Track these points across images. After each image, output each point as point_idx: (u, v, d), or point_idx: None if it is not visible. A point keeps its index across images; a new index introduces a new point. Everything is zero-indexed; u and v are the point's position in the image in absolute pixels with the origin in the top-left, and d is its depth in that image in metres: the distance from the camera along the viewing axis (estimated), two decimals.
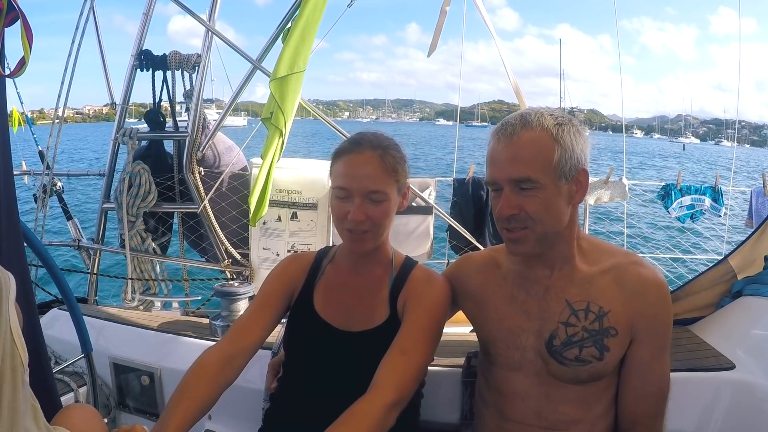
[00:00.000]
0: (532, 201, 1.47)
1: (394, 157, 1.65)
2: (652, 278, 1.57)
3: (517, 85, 3.37)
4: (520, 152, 1.47)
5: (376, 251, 1.75)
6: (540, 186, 1.46)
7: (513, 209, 1.47)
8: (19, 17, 1.58)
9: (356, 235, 1.64)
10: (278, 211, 3.46)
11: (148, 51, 3.51)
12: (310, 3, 2.84)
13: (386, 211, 1.63)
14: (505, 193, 1.49)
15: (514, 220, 1.49)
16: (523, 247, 1.54)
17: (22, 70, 1.64)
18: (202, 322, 2.85)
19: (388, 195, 1.62)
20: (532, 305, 1.63)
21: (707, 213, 6.10)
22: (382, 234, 1.68)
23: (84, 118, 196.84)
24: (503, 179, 1.48)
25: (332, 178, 1.68)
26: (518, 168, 1.46)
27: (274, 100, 2.85)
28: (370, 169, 1.60)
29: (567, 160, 1.47)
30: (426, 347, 1.62)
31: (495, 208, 1.54)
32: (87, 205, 13.73)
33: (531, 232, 1.50)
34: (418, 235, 3.83)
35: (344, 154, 1.65)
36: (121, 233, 3.46)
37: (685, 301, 2.64)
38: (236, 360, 1.66)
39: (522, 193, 1.47)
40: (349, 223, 1.61)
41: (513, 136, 1.48)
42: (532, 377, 1.63)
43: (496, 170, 1.50)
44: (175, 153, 3.60)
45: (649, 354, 1.58)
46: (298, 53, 2.88)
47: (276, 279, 1.83)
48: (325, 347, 1.71)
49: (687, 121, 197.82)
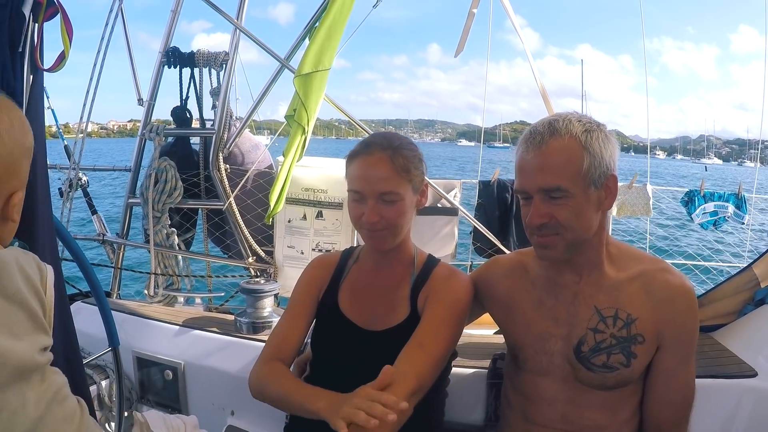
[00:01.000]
0: (562, 209, 1.47)
1: (406, 156, 1.65)
2: (679, 286, 1.57)
3: (543, 88, 3.35)
4: (549, 161, 1.47)
5: (398, 250, 1.77)
6: (570, 194, 1.46)
7: (543, 218, 1.48)
8: (59, 11, 1.61)
9: (373, 234, 1.66)
10: (303, 210, 3.48)
11: (176, 48, 3.54)
12: (338, 2, 2.85)
13: (401, 211, 1.64)
14: (534, 202, 1.49)
15: (545, 228, 1.49)
16: (552, 253, 1.54)
17: (62, 65, 1.66)
18: (226, 318, 2.87)
19: (401, 195, 1.63)
20: (561, 311, 1.64)
21: (730, 220, 6.06)
22: (400, 233, 1.69)
23: (108, 133, 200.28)
24: (533, 188, 1.49)
25: (347, 181, 1.70)
26: (547, 177, 1.46)
27: (298, 98, 2.86)
28: (381, 171, 1.61)
29: (596, 167, 1.47)
30: (444, 341, 1.63)
31: (525, 217, 1.55)
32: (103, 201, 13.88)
33: (561, 239, 1.50)
34: (442, 237, 3.83)
35: (356, 157, 1.68)
36: (146, 228, 3.49)
37: (707, 308, 2.62)
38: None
39: (552, 202, 1.47)
40: (365, 224, 1.64)
41: (542, 145, 1.48)
42: (559, 382, 1.64)
43: (526, 179, 1.50)
44: (201, 150, 3.62)
45: (675, 361, 1.58)
46: (324, 51, 2.88)
47: (304, 286, 1.87)
48: (351, 346, 1.73)
49: (709, 141, 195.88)
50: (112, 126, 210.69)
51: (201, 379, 2.58)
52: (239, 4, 3.42)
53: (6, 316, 1.04)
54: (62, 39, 1.64)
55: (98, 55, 3.51)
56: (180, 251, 3.58)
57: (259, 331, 2.60)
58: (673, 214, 9.46)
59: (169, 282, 3.58)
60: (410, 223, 1.74)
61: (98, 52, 3.52)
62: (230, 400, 2.53)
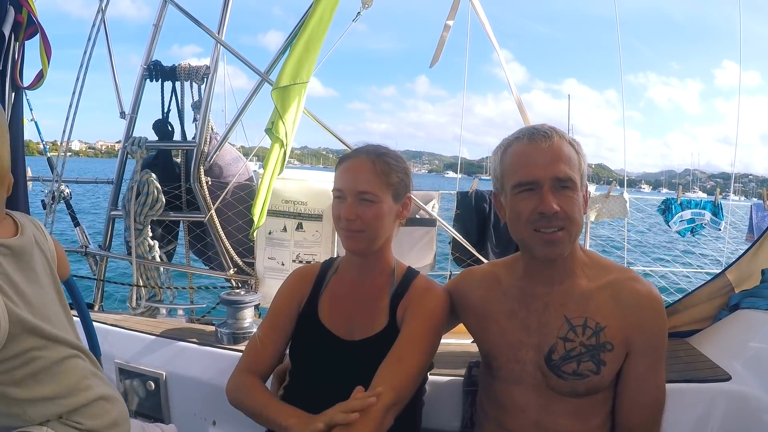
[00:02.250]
0: (570, 201, 1.51)
1: (388, 163, 1.72)
2: (646, 293, 1.61)
3: (520, 101, 3.40)
4: (562, 153, 1.52)
5: (378, 260, 1.81)
6: (576, 188, 1.52)
7: (556, 207, 1.49)
8: (38, 31, 1.64)
9: (349, 234, 1.71)
10: (284, 222, 3.50)
11: (157, 62, 3.57)
12: (316, 16, 2.86)
13: (378, 213, 1.69)
14: (545, 191, 1.51)
15: (555, 218, 1.51)
16: (559, 249, 1.56)
17: (40, 83, 1.69)
18: (207, 329, 2.88)
19: (379, 197, 1.68)
20: (532, 320, 1.67)
21: (707, 227, 6.14)
22: (377, 237, 1.73)
23: (96, 153, 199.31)
24: (545, 177, 1.51)
25: (333, 182, 1.77)
26: (562, 167, 1.51)
27: (276, 111, 2.88)
28: (363, 172, 1.69)
29: (584, 172, 1.56)
30: (422, 354, 1.67)
31: (525, 210, 1.54)
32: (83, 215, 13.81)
33: (566, 234, 1.54)
34: (421, 247, 3.85)
35: (344, 161, 1.76)
36: (128, 240, 3.50)
37: (683, 314, 2.66)
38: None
39: (560, 193, 1.51)
40: (342, 222, 1.70)
41: (551, 139, 1.53)
42: (531, 390, 1.67)
43: (537, 168, 1.52)
44: (182, 162, 3.65)
45: (645, 366, 1.61)
46: (302, 65, 2.90)
47: (283, 297, 1.90)
48: (329, 355, 1.76)
49: (695, 175, 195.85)
50: (100, 146, 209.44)
51: (183, 389, 2.59)
52: (220, 19, 3.46)
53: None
54: (41, 58, 1.67)
55: (80, 69, 3.53)
56: (162, 263, 3.59)
57: (240, 342, 2.61)
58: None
59: (152, 293, 3.59)
60: (389, 231, 1.78)
61: (81, 66, 3.54)
62: (212, 410, 2.54)
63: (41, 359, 1.34)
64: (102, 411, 1.50)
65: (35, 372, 1.33)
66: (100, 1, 3.62)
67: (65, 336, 1.45)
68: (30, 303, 1.34)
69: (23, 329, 1.28)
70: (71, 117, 3.53)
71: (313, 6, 2.85)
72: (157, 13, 3.58)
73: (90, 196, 17.87)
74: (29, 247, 1.44)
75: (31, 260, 1.42)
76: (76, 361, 1.48)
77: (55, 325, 1.43)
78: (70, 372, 1.44)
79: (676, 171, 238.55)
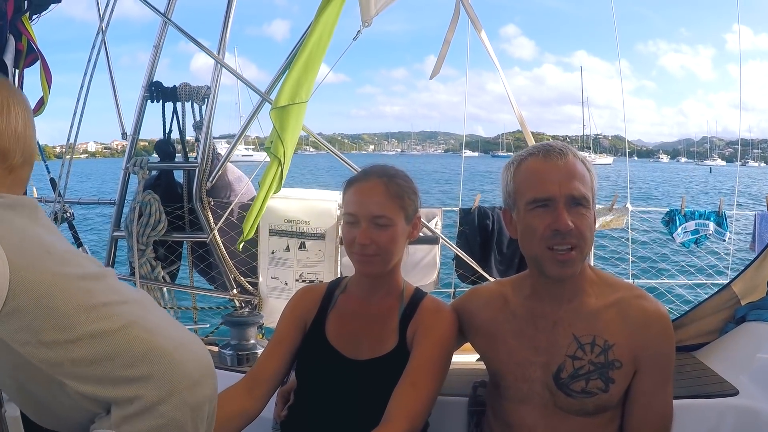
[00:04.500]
0: (583, 219, 1.52)
1: (400, 185, 1.71)
2: (654, 311, 1.61)
3: (522, 118, 3.41)
4: (576, 171, 1.53)
5: (387, 281, 1.81)
6: (589, 206, 1.53)
7: (571, 224, 1.50)
8: (38, 59, 1.65)
9: (363, 258, 1.70)
10: (287, 241, 3.49)
11: (158, 83, 3.58)
12: (315, 35, 2.86)
13: (392, 237, 1.68)
14: (560, 208, 1.51)
15: (570, 236, 1.51)
16: (571, 269, 1.56)
17: (41, 110, 1.69)
18: (211, 350, 2.86)
19: (393, 220, 1.68)
20: (541, 339, 1.67)
21: (712, 237, 6.11)
22: (390, 260, 1.72)
23: (112, 152, 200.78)
24: (561, 194, 1.51)
25: (343, 206, 1.77)
26: (577, 185, 1.51)
27: (275, 130, 2.88)
28: (376, 195, 1.68)
29: (596, 190, 1.57)
30: (435, 379, 1.66)
31: (540, 226, 1.54)
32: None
33: (579, 252, 1.54)
34: (424, 265, 3.84)
35: (353, 183, 1.75)
36: (131, 261, 3.50)
37: (689, 327, 2.66)
38: (256, 392, 1.75)
39: (574, 210, 1.51)
40: (356, 247, 1.68)
41: (565, 156, 1.53)
42: (539, 409, 1.66)
43: (552, 185, 1.52)
44: (184, 183, 3.65)
45: (652, 384, 1.61)
46: (301, 84, 2.89)
47: (289, 315, 1.89)
48: (335, 374, 1.75)
49: (712, 143, 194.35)
50: (116, 146, 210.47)
51: None
52: (220, 38, 3.48)
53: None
54: (41, 85, 1.68)
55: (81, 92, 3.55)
56: (165, 283, 3.59)
57: (243, 363, 2.61)
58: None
59: None
60: (401, 252, 1.78)
61: (81, 87, 3.56)
62: None
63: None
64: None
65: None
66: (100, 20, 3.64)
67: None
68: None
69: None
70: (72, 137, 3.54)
71: (312, 25, 2.86)
72: (157, 34, 3.60)
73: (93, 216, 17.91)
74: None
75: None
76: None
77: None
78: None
79: (693, 139, 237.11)
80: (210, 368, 1.23)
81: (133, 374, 1.07)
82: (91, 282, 1.14)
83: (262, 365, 1.81)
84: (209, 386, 1.20)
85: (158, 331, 1.15)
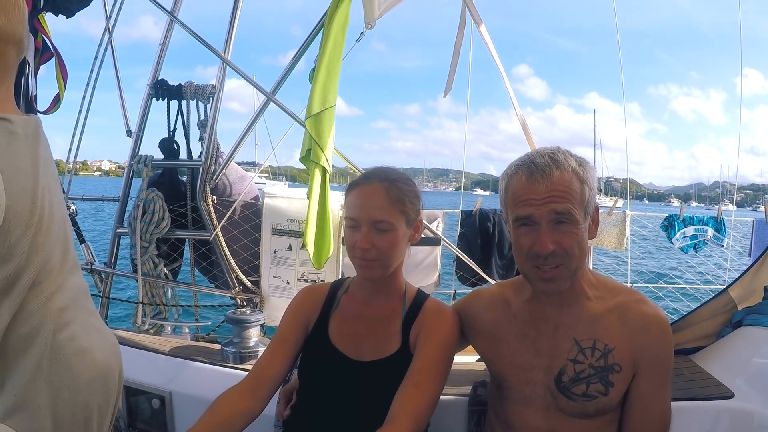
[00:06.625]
0: (568, 237, 1.51)
1: (401, 189, 1.71)
2: (653, 315, 1.63)
3: (524, 121, 3.42)
4: (560, 188, 1.51)
5: (389, 283, 1.81)
6: (575, 221, 1.51)
7: (554, 245, 1.50)
8: (53, 56, 1.67)
9: (364, 263, 1.70)
10: (289, 240, 3.52)
11: (163, 80, 3.61)
12: (331, 39, 2.89)
13: (393, 241, 1.69)
14: (543, 228, 1.51)
15: (552, 257, 1.51)
16: (557, 285, 1.57)
17: (56, 107, 1.71)
18: (212, 348, 2.89)
19: (394, 225, 1.68)
20: (543, 343, 1.68)
21: (710, 243, 6.14)
22: (392, 263, 1.73)
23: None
24: (542, 213, 1.51)
25: (345, 209, 1.76)
26: (560, 203, 1.50)
27: (311, 138, 2.89)
28: (377, 200, 1.67)
29: (591, 199, 1.55)
30: (438, 380, 1.67)
31: (525, 245, 1.55)
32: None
33: (565, 269, 1.54)
34: (425, 266, 3.86)
35: (355, 187, 1.74)
36: (134, 258, 3.52)
37: (686, 331, 2.68)
38: (258, 392, 1.74)
39: (558, 228, 1.51)
40: (357, 251, 1.68)
41: (550, 174, 1.51)
42: (541, 411, 1.68)
43: (533, 206, 1.52)
44: (188, 181, 3.67)
45: (651, 387, 1.62)
46: (327, 89, 2.92)
47: (291, 315, 1.89)
48: (339, 375, 1.76)
49: (724, 187, 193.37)
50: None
51: (188, 408, 2.59)
52: (226, 38, 3.50)
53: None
54: (57, 82, 1.69)
55: (87, 88, 3.58)
56: (167, 281, 3.61)
57: (245, 361, 2.62)
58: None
59: (157, 311, 3.61)
60: (403, 255, 1.78)
61: (87, 84, 3.59)
62: None
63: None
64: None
65: None
66: (107, 20, 3.67)
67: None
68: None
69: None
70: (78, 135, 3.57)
71: (324, 30, 2.89)
72: (163, 33, 3.64)
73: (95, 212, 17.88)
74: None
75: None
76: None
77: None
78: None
79: (705, 183, 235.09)
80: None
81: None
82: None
83: (265, 365, 1.80)
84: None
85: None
